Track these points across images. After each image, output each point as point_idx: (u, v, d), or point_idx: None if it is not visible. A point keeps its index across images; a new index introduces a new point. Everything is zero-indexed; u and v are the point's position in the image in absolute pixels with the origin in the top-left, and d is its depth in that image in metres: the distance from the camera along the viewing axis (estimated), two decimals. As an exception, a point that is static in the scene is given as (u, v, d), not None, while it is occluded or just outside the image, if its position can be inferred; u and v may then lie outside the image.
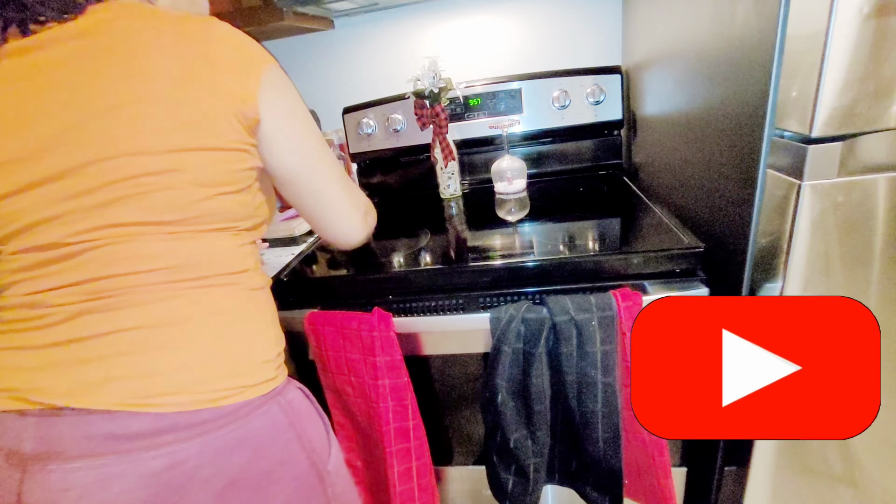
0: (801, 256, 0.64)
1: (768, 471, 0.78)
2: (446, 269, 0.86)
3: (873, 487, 0.76)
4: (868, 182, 0.60)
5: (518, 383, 0.82)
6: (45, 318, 0.49)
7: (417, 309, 0.86)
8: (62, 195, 0.47)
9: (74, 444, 0.46)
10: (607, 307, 0.76)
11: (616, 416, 0.79)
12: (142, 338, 0.48)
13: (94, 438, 0.46)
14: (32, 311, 0.50)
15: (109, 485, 0.46)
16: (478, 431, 0.99)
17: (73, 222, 0.48)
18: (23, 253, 0.49)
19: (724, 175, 0.75)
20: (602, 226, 0.98)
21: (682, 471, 0.97)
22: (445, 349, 0.89)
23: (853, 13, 0.53)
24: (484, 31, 1.32)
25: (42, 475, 0.46)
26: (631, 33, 1.20)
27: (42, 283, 0.49)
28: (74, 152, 0.47)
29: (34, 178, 0.47)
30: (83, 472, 0.46)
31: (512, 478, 0.87)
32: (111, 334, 0.48)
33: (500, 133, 1.25)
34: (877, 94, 0.56)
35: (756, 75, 0.63)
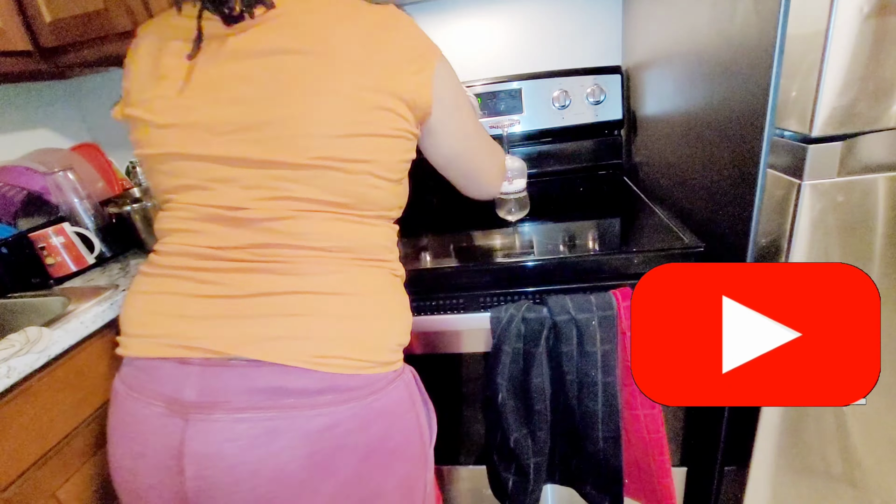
0: (801, 256, 0.64)
1: (768, 471, 0.78)
2: (446, 268, 0.86)
3: (873, 487, 0.76)
4: (868, 182, 0.60)
5: (518, 383, 0.82)
6: (214, 272, 0.51)
7: (418, 308, 0.86)
8: (246, 163, 0.50)
9: (241, 395, 0.48)
10: (607, 307, 0.76)
11: (616, 416, 0.79)
12: (309, 302, 0.50)
13: (261, 392, 0.48)
14: (201, 262, 0.52)
15: (276, 439, 0.47)
16: (478, 431, 0.99)
17: (257, 189, 0.50)
18: (198, 206, 0.52)
19: (724, 175, 0.75)
20: (602, 225, 0.99)
21: (682, 470, 0.97)
22: (446, 348, 0.89)
23: (853, 13, 0.53)
24: (484, 31, 1.32)
25: (206, 424, 0.47)
26: (631, 33, 1.20)
27: (215, 238, 0.52)
28: (268, 128, 0.50)
29: (226, 143, 0.50)
30: (250, 423, 0.47)
31: (512, 477, 0.87)
32: (281, 295, 0.50)
33: (500, 133, 1.24)
34: (877, 94, 0.56)
35: (756, 75, 0.63)
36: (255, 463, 0.47)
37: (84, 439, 0.83)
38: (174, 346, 0.50)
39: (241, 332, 0.49)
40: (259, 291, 0.50)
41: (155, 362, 0.51)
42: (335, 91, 0.50)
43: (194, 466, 0.48)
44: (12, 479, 0.71)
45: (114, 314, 0.91)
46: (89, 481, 0.84)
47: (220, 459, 0.47)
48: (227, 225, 0.51)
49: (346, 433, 0.49)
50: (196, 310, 0.50)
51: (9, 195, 1.17)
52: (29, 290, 1.04)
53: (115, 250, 1.23)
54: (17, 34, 1.04)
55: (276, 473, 0.48)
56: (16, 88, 1.30)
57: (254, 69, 0.50)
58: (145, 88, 0.54)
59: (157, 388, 0.50)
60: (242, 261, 0.51)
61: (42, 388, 0.76)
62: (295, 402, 0.48)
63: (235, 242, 0.51)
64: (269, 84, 0.50)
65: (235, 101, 0.50)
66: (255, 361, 0.48)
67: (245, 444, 0.47)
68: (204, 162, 0.51)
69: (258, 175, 0.51)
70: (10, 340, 0.75)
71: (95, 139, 1.51)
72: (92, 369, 0.86)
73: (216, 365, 0.49)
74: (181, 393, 0.49)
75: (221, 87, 0.51)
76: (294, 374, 0.48)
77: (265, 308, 0.50)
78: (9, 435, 0.71)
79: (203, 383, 0.48)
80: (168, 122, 0.52)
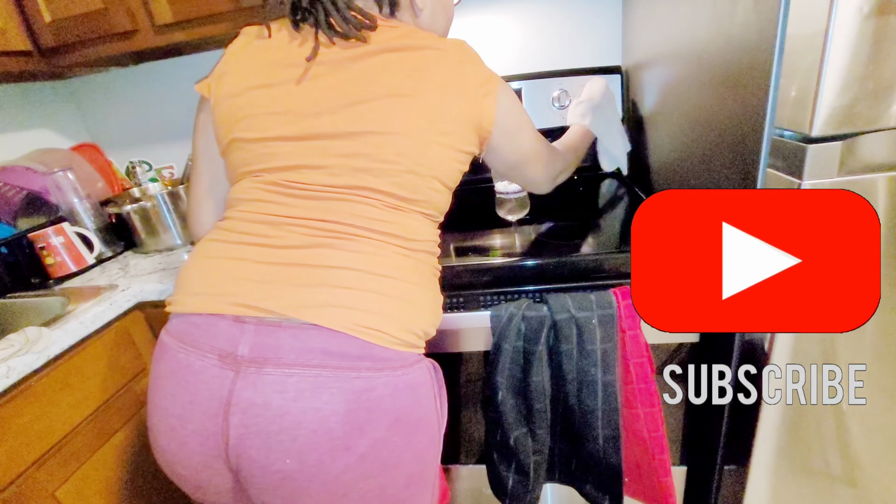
0: (801, 255, 0.64)
1: (768, 470, 0.78)
2: (447, 267, 0.86)
3: (873, 487, 0.76)
4: (868, 181, 0.60)
5: (518, 381, 0.82)
6: (282, 239, 0.57)
7: (418, 308, 0.86)
8: (335, 152, 0.58)
9: (293, 353, 0.52)
10: (607, 305, 0.76)
11: (616, 415, 0.79)
12: (358, 278, 0.56)
13: (311, 351, 0.52)
14: (272, 229, 0.58)
15: (321, 393, 0.52)
16: (478, 430, 0.99)
17: (335, 175, 0.58)
18: (284, 185, 0.59)
19: (724, 175, 0.75)
20: (602, 225, 0.99)
21: (682, 469, 0.97)
22: (445, 348, 0.89)
23: (853, 13, 0.53)
24: (484, 31, 1.32)
25: (257, 376, 0.52)
26: (631, 33, 1.20)
27: (290, 210, 0.58)
28: (356, 121, 0.57)
29: (317, 131, 0.58)
30: (299, 377, 0.52)
31: (512, 476, 0.87)
32: (336, 269, 0.55)
33: (501, 133, 1.24)
34: (876, 94, 0.56)
35: (756, 75, 0.63)
36: (299, 413, 0.51)
37: (83, 439, 0.83)
38: (232, 304, 0.54)
39: (297, 298, 0.53)
40: (317, 263, 0.55)
41: (212, 318, 0.55)
42: (424, 100, 0.58)
43: (240, 415, 0.52)
44: (12, 479, 0.71)
45: (113, 314, 0.91)
46: (88, 481, 0.83)
47: (267, 409, 0.51)
48: (301, 198, 0.58)
49: (380, 398, 0.54)
50: (258, 274, 0.55)
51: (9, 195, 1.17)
52: (29, 290, 1.04)
53: (115, 250, 1.23)
54: (17, 34, 1.04)
55: (317, 425, 0.51)
56: (16, 88, 1.30)
57: (354, 75, 0.59)
58: (246, 80, 0.62)
59: (212, 343, 0.54)
60: (313, 235, 0.56)
61: (41, 388, 0.76)
62: (339, 363, 0.52)
63: (304, 214, 0.57)
64: (362, 86, 0.58)
65: (331, 96, 0.58)
66: (306, 324, 0.53)
67: (292, 396, 0.51)
68: (299, 142, 0.59)
69: (340, 161, 0.58)
70: (10, 340, 0.75)
71: (95, 139, 1.51)
72: (91, 369, 0.86)
73: (270, 325, 0.53)
74: (236, 348, 0.53)
75: (329, 90, 0.59)
76: (340, 338, 0.53)
77: (320, 278, 0.55)
78: (8, 435, 0.71)
79: (257, 340, 0.53)
80: (275, 111, 0.59)
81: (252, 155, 0.61)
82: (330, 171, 0.58)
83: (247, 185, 0.61)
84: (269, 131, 0.59)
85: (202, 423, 0.53)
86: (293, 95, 0.59)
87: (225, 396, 0.52)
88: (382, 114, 0.57)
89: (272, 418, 0.51)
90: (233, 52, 0.65)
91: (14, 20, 1.03)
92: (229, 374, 0.52)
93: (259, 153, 0.60)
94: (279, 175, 0.59)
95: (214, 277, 0.58)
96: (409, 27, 0.64)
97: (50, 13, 1.04)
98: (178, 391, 0.55)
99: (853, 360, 0.69)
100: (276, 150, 0.59)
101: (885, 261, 0.63)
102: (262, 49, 0.63)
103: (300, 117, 0.58)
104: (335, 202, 0.58)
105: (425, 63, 0.59)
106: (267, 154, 0.60)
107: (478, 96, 0.62)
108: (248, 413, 0.51)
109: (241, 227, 0.60)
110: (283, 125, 0.59)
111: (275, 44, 0.63)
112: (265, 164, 0.60)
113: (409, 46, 0.60)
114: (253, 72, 0.62)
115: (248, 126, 0.61)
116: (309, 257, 0.56)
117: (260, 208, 0.59)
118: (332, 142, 0.58)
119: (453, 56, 0.61)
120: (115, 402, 0.90)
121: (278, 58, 0.62)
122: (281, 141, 0.59)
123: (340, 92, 0.58)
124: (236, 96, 0.62)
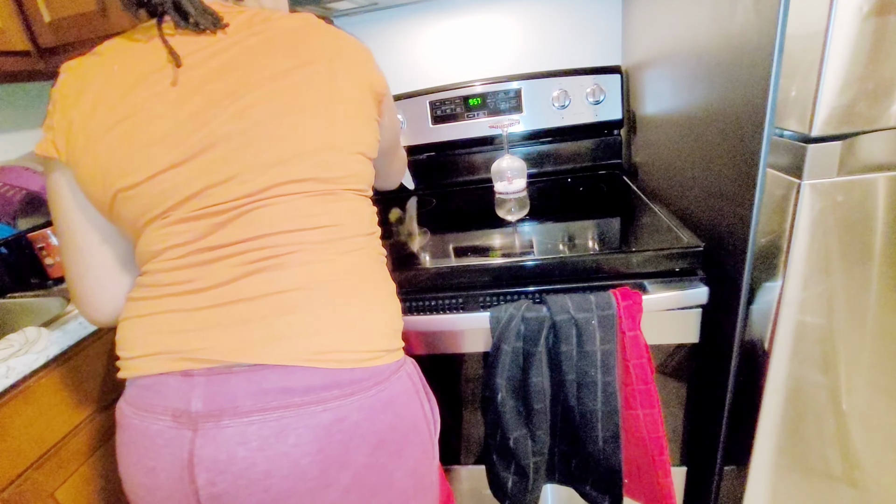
0: (801, 255, 0.64)
1: (768, 470, 0.78)
2: (446, 268, 0.86)
3: (873, 487, 0.76)
4: (867, 181, 0.60)
5: (518, 382, 0.82)
6: (210, 278, 0.51)
7: (417, 308, 0.86)
8: (237, 156, 0.50)
9: (249, 399, 0.48)
10: (607, 306, 0.76)
11: (616, 416, 0.79)
12: (302, 298, 0.50)
13: (269, 393, 0.48)
14: (197, 271, 0.51)
15: (286, 436, 0.48)
16: (478, 431, 0.99)
17: (246, 181, 0.50)
18: (195, 216, 0.51)
19: (724, 174, 0.75)
20: (602, 225, 0.98)
21: (682, 470, 0.97)
22: (446, 348, 0.89)
23: (853, 13, 0.53)
24: (484, 31, 1.32)
25: (216, 431, 0.48)
26: (631, 33, 1.20)
27: (211, 241, 0.51)
28: (248, 114, 0.50)
29: (209, 141, 0.49)
30: (260, 424, 0.48)
31: (512, 477, 0.87)
32: (276, 295, 0.50)
33: (500, 133, 1.25)
34: (876, 94, 0.56)
35: (756, 75, 0.63)
36: (267, 463, 0.48)
37: (83, 440, 0.83)
38: (177, 360, 0.50)
39: (241, 338, 0.49)
40: (253, 295, 0.50)
41: (160, 378, 0.51)
42: (313, 72, 0.52)
43: (206, 474, 0.48)
44: (11, 479, 0.71)
45: (113, 314, 0.91)
46: (88, 482, 0.83)
47: (232, 463, 0.48)
48: (218, 224, 0.51)
49: (355, 425, 0.50)
50: (194, 323, 0.50)
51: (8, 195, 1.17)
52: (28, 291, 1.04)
53: (115, 250, 1.22)
54: (17, 34, 1.04)
55: (288, 471, 0.48)
56: (15, 88, 1.30)
57: (230, 67, 0.51)
58: (101, 120, 0.51)
59: (164, 403, 0.50)
60: (234, 263, 0.51)
61: (41, 388, 0.76)
62: (301, 399, 0.48)
63: (226, 240, 0.51)
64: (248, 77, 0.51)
65: (222, 99, 0.50)
66: (258, 365, 0.49)
67: (256, 445, 0.48)
68: (193, 161, 0.50)
69: (251, 166, 0.50)
70: (9, 340, 0.75)
71: (95, 139, 1.51)
72: (91, 369, 0.85)
73: (220, 373, 0.49)
74: (188, 405, 0.49)
75: (206, 93, 0.50)
76: (297, 373, 0.49)
77: (261, 310, 0.50)
78: (7, 435, 0.71)
79: (209, 393, 0.49)
80: (153, 140, 0.50)
81: (147, 199, 0.51)
82: (239, 179, 0.50)
83: (155, 235, 0.52)
84: (155, 165, 0.50)
85: (169, 489, 0.50)
86: (167, 114, 0.50)
87: (186, 458, 0.48)
88: (275, 98, 0.50)
89: (239, 472, 0.48)
90: (64, 95, 0.52)
91: (14, 20, 1.03)
92: (187, 434, 0.48)
93: (154, 194, 0.51)
94: (186, 207, 0.51)
95: (153, 336, 0.52)
96: (261, 10, 0.56)
97: (49, 13, 1.04)
98: (139, 459, 0.51)
99: (853, 360, 0.69)
100: (171, 182, 0.50)
101: (885, 261, 0.63)
102: (106, 80, 0.51)
103: (185, 135, 0.49)
104: (256, 212, 0.50)
105: (298, 38, 0.53)
106: (163, 191, 0.50)
107: (362, 60, 0.57)
108: (214, 471, 0.48)
109: (163, 279, 0.52)
110: (169, 151, 0.50)
111: (121, 69, 0.52)
112: (166, 203, 0.51)
113: (274, 26, 0.53)
114: (107, 109, 0.50)
115: (127, 170, 0.50)
116: (243, 290, 0.50)
117: (177, 253, 0.52)
118: (230, 146, 0.49)
119: (322, 26, 0.56)
120: (114, 402, 0.90)
121: (130, 81, 0.51)
122: (173, 169, 0.50)
123: (219, 90, 0.50)
124: (97, 142, 0.50)
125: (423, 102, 1.31)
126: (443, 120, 1.31)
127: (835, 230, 0.62)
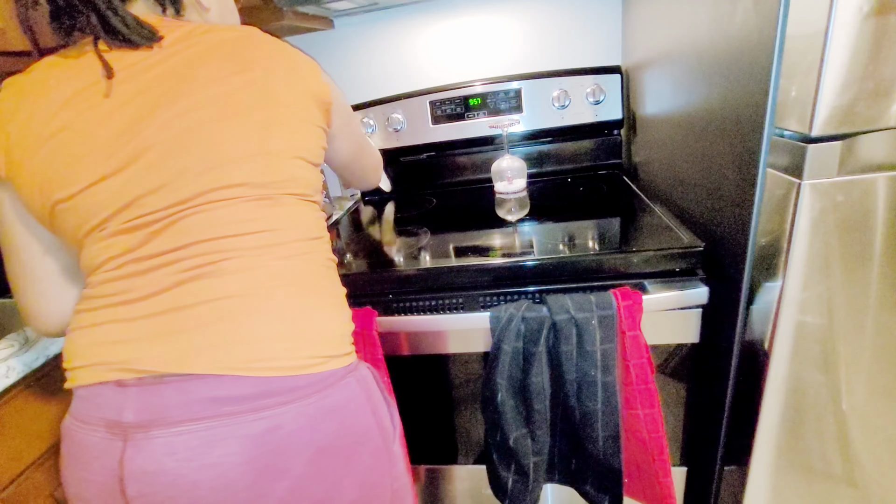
0: (801, 255, 0.64)
1: (768, 470, 0.78)
2: (446, 268, 0.86)
3: (873, 487, 0.76)
4: (868, 181, 0.60)
5: (518, 382, 0.82)
6: (146, 288, 0.51)
7: (418, 308, 0.86)
8: (168, 165, 0.49)
9: (178, 409, 0.48)
10: (607, 306, 0.76)
11: (616, 415, 0.79)
12: (237, 306, 0.50)
13: (198, 403, 0.48)
14: (133, 281, 0.51)
15: (214, 447, 0.47)
16: (478, 430, 0.99)
17: (178, 189, 0.50)
18: (129, 227, 0.51)
19: (724, 175, 0.75)
20: (602, 225, 0.98)
21: (682, 470, 0.97)
22: (445, 348, 0.89)
23: (853, 12, 0.53)
24: (484, 31, 1.32)
25: (145, 441, 0.48)
26: (631, 33, 1.20)
27: (145, 250, 0.51)
28: (180, 122, 0.49)
29: (140, 149, 0.49)
30: (188, 435, 0.47)
31: (512, 476, 0.87)
32: (210, 302, 0.50)
33: (500, 133, 1.25)
34: (876, 94, 0.56)
35: (756, 75, 0.63)
36: (194, 474, 0.47)
37: (83, 439, 0.83)
38: (111, 370, 0.50)
39: (174, 348, 0.49)
40: (187, 303, 0.50)
41: (95, 389, 0.51)
42: (250, 79, 0.52)
43: (136, 485, 0.48)
44: (11, 479, 0.71)
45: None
46: (88, 481, 0.83)
47: (161, 475, 0.47)
48: (152, 233, 0.51)
49: (290, 434, 0.49)
50: (129, 333, 0.50)
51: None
52: (28, 290, 1.03)
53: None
54: (17, 34, 1.04)
55: (216, 482, 0.48)
56: (15, 88, 1.30)
57: (166, 76, 0.51)
58: (36, 134, 0.51)
59: (99, 414, 0.50)
60: (169, 272, 0.50)
61: (41, 387, 0.76)
62: (231, 409, 0.48)
63: (159, 249, 0.50)
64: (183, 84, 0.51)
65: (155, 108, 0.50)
66: (189, 375, 0.48)
67: (184, 456, 0.47)
68: (125, 171, 0.50)
69: (182, 174, 0.50)
70: (9, 340, 0.75)
71: (95, 139, 1.51)
72: (91, 369, 0.85)
73: (152, 384, 0.49)
74: (121, 415, 0.49)
75: (140, 104, 0.50)
76: (228, 382, 0.48)
77: (194, 320, 0.49)
78: (7, 435, 0.71)
79: (141, 403, 0.49)
80: (87, 151, 0.50)
81: (83, 211, 0.51)
82: (170, 187, 0.49)
83: (95, 247, 0.52)
84: (89, 177, 0.50)
85: (103, 500, 0.50)
86: (101, 126, 0.50)
87: (116, 469, 0.48)
88: (207, 104, 0.50)
89: (167, 484, 0.47)
90: (2, 111, 0.53)
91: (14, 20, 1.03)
92: (118, 444, 0.48)
93: (89, 205, 0.51)
94: (120, 217, 0.51)
95: (91, 347, 0.52)
96: (203, 24, 0.56)
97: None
98: (75, 470, 0.51)
99: (853, 360, 0.69)
100: (105, 193, 0.50)
101: (885, 261, 0.63)
102: (41, 94, 0.52)
103: (118, 145, 0.49)
104: (189, 219, 0.50)
105: (237, 47, 0.53)
106: (97, 203, 0.50)
107: (302, 69, 0.56)
108: (143, 482, 0.47)
109: (103, 290, 0.53)
110: (103, 162, 0.50)
111: (56, 84, 0.52)
112: (101, 214, 0.51)
113: (212, 37, 0.53)
114: (41, 123, 0.51)
115: (64, 182, 0.50)
116: (177, 299, 0.50)
117: (114, 264, 0.52)
118: (160, 154, 0.49)
119: (265, 37, 0.55)
120: (114, 402, 0.90)
121: (65, 95, 0.51)
122: (106, 180, 0.50)
123: (153, 99, 0.50)
124: (32, 156, 0.51)
125: (423, 102, 1.31)
126: (443, 120, 1.32)
127: (835, 230, 0.62)
